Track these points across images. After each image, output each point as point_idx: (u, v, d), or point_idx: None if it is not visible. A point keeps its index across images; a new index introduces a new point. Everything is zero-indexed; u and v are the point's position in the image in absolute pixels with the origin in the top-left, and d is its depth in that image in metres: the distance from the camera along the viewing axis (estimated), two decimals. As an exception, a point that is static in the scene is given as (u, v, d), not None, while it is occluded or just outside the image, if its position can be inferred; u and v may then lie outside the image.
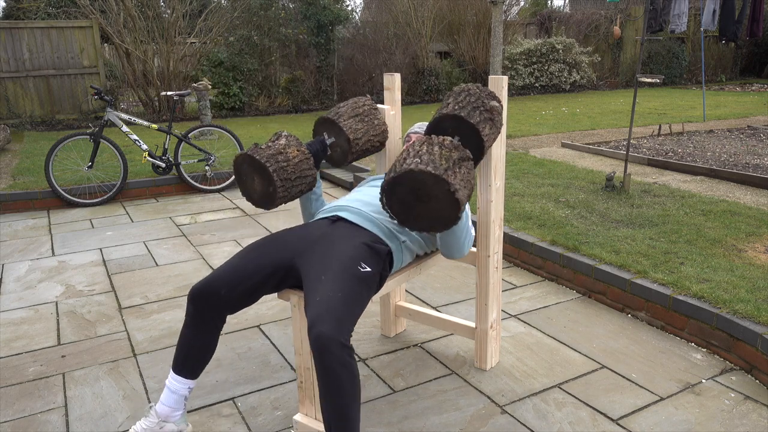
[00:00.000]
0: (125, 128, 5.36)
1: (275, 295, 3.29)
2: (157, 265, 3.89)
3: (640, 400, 2.33)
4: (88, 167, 5.36)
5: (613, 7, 14.89)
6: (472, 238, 2.28)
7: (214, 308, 1.99)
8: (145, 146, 5.50)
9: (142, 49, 10.01)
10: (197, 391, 2.45)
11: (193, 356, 2.04)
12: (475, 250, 2.49)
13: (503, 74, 11.76)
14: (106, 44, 12.50)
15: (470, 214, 2.38)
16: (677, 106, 10.36)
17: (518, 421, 2.22)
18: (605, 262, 3.21)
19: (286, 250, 2.06)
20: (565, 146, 6.83)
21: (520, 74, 13.26)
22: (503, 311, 3.12)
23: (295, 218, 4.87)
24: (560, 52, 13.31)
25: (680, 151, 6.33)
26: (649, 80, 5.46)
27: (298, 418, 2.13)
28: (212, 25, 10.57)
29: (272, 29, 10.76)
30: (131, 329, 3.01)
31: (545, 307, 3.17)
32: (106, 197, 5.39)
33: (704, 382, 2.45)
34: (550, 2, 21.19)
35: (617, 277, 3.07)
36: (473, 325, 2.58)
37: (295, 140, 2.17)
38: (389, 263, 2.13)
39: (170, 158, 5.61)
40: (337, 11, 10.85)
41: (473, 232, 2.34)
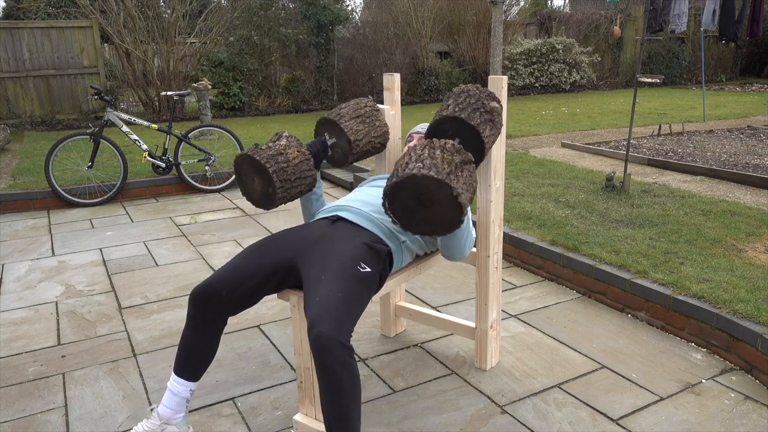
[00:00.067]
0: (125, 128, 5.36)
1: (275, 295, 3.29)
2: (157, 265, 3.89)
3: (640, 400, 2.33)
4: (88, 167, 5.36)
5: (613, 7, 14.89)
6: (473, 239, 2.28)
7: (215, 310, 1.99)
8: (145, 146, 5.50)
9: (142, 49, 10.01)
10: (197, 391, 2.45)
11: (194, 358, 2.04)
12: (475, 250, 2.49)
13: (503, 74, 11.76)
14: (106, 44, 12.50)
15: (471, 215, 2.38)
16: (677, 106, 10.36)
17: (518, 421, 2.22)
18: (605, 262, 3.21)
19: (286, 250, 2.06)
20: (565, 146, 6.83)
21: (520, 74, 13.26)
22: (503, 311, 3.12)
23: (295, 218, 4.87)
24: (560, 52, 13.31)
25: (680, 151, 6.33)
26: (649, 80, 5.46)
27: (298, 418, 2.13)
28: (212, 25, 10.57)
29: (272, 29, 10.77)
30: (131, 329, 3.01)
31: (545, 307, 3.17)
32: (106, 197, 5.39)
33: (704, 382, 2.45)
34: (550, 2, 21.19)
35: (617, 277, 3.07)
36: (473, 325, 2.58)
37: (295, 141, 2.17)
38: (389, 263, 2.13)
39: (170, 158, 5.61)
40: (337, 11, 10.85)
41: (474, 233, 2.34)
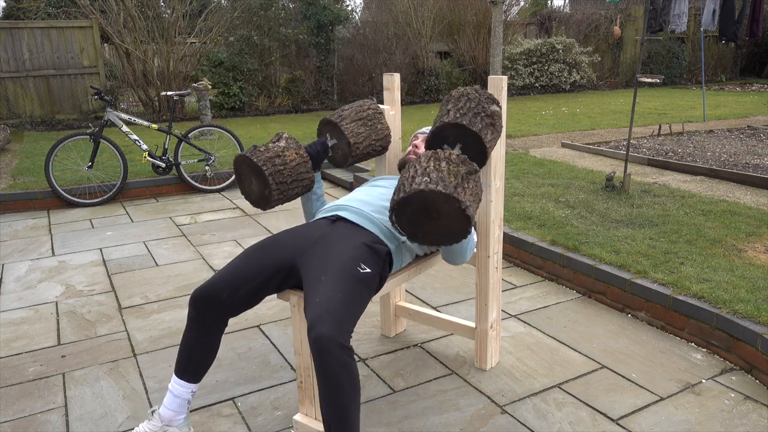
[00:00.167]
0: (125, 128, 5.36)
1: (275, 295, 3.29)
2: (157, 265, 3.89)
3: (640, 400, 2.33)
4: (88, 167, 5.36)
5: (613, 7, 14.89)
6: (474, 243, 2.27)
7: (216, 312, 1.98)
8: (145, 146, 5.50)
9: (142, 49, 10.01)
10: (197, 391, 2.45)
11: (195, 360, 2.04)
12: (475, 250, 2.49)
13: (503, 74, 11.76)
14: (106, 44, 12.50)
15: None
16: (677, 106, 10.36)
17: (518, 421, 2.22)
18: (605, 262, 3.21)
19: (286, 250, 2.05)
20: (565, 146, 6.83)
21: (520, 74, 13.26)
22: (503, 311, 3.12)
23: (295, 218, 4.87)
24: (560, 52, 13.31)
25: (680, 151, 6.33)
26: (649, 80, 5.46)
27: (298, 418, 2.13)
28: (212, 25, 10.57)
29: (272, 29, 10.77)
30: (131, 329, 3.01)
31: (545, 307, 3.17)
32: (106, 197, 5.39)
33: (704, 382, 2.45)
34: (550, 2, 21.20)
35: (617, 277, 3.07)
36: (473, 325, 2.58)
37: (294, 143, 2.17)
38: (389, 263, 2.13)
39: (170, 158, 5.61)
40: (337, 11, 10.85)
41: (476, 237, 2.34)
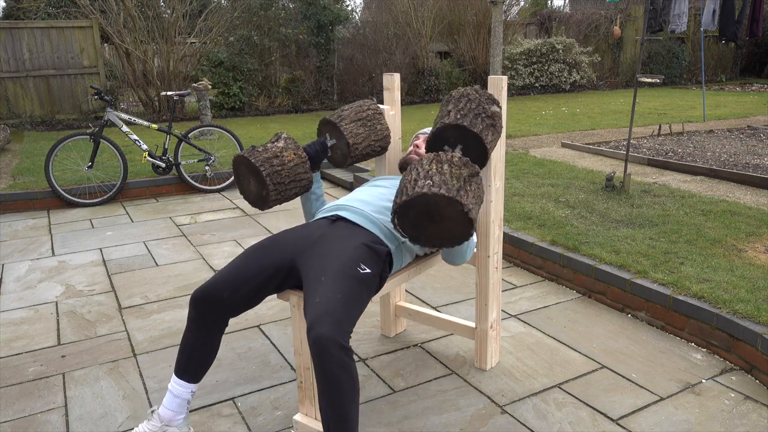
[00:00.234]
0: (125, 128, 5.36)
1: (275, 295, 3.29)
2: (157, 265, 3.89)
3: (640, 400, 2.33)
4: (88, 167, 5.36)
5: (613, 7, 14.89)
6: (474, 244, 2.27)
7: (216, 312, 1.98)
8: (145, 146, 5.50)
9: (142, 49, 10.01)
10: (197, 391, 2.45)
11: (195, 360, 2.03)
12: (475, 250, 2.49)
13: (503, 74, 11.76)
14: (106, 44, 12.50)
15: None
16: (677, 106, 10.36)
17: (518, 421, 2.22)
18: (605, 262, 3.21)
19: (286, 250, 2.05)
20: (565, 146, 6.83)
21: (520, 74, 13.26)
22: (503, 311, 3.12)
23: (295, 218, 4.87)
24: (560, 52, 13.31)
25: (680, 151, 6.33)
26: (649, 80, 5.45)
27: (298, 418, 2.13)
28: (212, 25, 10.57)
29: (272, 29, 10.76)
30: (131, 329, 3.01)
31: (545, 307, 3.17)
32: (106, 197, 5.39)
33: (704, 382, 2.45)
34: (550, 2, 21.19)
35: (617, 277, 3.07)
36: (473, 325, 2.58)
37: (293, 143, 2.17)
38: (389, 264, 2.13)
39: (170, 158, 5.61)
40: (337, 11, 10.85)
41: (476, 238, 2.34)
